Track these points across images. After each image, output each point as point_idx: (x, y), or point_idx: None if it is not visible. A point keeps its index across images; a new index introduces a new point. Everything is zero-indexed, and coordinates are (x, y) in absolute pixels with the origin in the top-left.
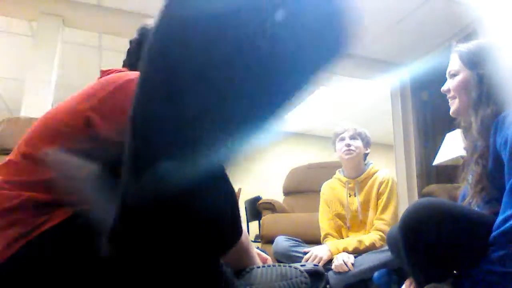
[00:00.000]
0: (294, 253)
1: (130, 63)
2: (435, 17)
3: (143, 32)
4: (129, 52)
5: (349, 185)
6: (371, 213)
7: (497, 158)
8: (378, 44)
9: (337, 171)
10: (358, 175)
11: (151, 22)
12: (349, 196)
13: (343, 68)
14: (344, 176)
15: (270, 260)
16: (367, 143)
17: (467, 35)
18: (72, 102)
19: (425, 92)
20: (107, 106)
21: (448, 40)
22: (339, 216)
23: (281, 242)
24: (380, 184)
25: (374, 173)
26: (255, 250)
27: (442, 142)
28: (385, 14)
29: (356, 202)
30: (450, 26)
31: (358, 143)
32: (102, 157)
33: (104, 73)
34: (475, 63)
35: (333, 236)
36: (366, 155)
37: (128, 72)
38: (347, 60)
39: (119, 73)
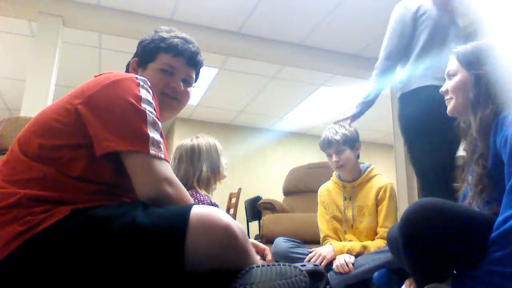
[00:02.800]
0: (293, 254)
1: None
2: None
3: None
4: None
5: (345, 189)
6: (368, 219)
7: (497, 159)
8: (378, 44)
9: (333, 173)
10: (354, 179)
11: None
12: (345, 200)
13: (343, 68)
14: (340, 179)
15: (268, 249)
16: (354, 145)
17: (467, 35)
18: (64, 100)
19: None
20: (96, 101)
21: None
22: (336, 218)
23: (280, 243)
24: (379, 190)
25: (371, 177)
26: (254, 241)
27: None
28: (385, 14)
29: (351, 206)
30: None
31: (346, 153)
32: (92, 153)
33: (96, 76)
34: (472, 63)
35: (332, 238)
36: (358, 155)
37: (122, 72)
38: (347, 60)
39: (110, 73)
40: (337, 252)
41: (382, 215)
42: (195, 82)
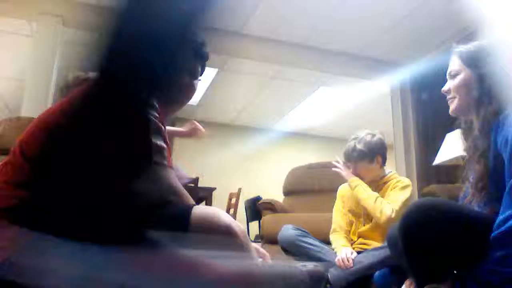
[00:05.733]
0: (301, 243)
1: None
2: (435, 17)
3: None
4: None
5: (369, 187)
6: None
7: (498, 158)
8: (378, 44)
9: None
10: (376, 181)
11: None
12: None
13: (343, 68)
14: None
15: (268, 256)
16: (373, 158)
17: (467, 35)
18: (65, 101)
19: (425, 92)
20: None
21: (448, 40)
22: (352, 212)
23: (288, 230)
24: (397, 182)
25: (393, 179)
26: (254, 245)
27: (442, 142)
28: (385, 14)
29: None
30: (450, 26)
31: (363, 167)
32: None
33: None
34: (475, 62)
35: (341, 231)
36: (379, 164)
37: None
38: (347, 60)
39: None
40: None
41: (391, 195)
42: (201, 75)
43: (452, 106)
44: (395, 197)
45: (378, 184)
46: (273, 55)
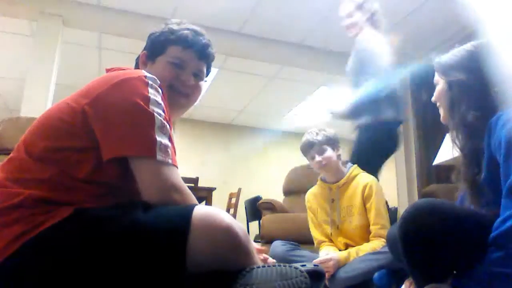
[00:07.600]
0: (291, 257)
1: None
2: (435, 17)
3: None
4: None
5: (331, 191)
6: (357, 217)
7: (492, 161)
8: None
9: (318, 178)
10: (338, 179)
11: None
12: (332, 202)
13: (343, 68)
14: (325, 182)
15: (269, 259)
16: (336, 145)
17: (467, 35)
18: (70, 98)
19: (425, 92)
20: (103, 102)
21: (448, 40)
22: (326, 223)
23: (278, 246)
24: (364, 188)
25: (354, 176)
26: (256, 246)
27: (442, 142)
28: (385, 14)
29: (337, 207)
30: (450, 26)
31: (328, 153)
32: (99, 155)
33: (108, 71)
34: (446, 71)
35: (327, 243)
36: (339, 155)
37: (131, 70)
38: (347, 60)
39: (121, 70)
40: (342, 263)
41: (372, 212)
42: (207, 76)
43: (441, 115)
44: (379, 216)
45: (339, 185)
46: (273, 55)
